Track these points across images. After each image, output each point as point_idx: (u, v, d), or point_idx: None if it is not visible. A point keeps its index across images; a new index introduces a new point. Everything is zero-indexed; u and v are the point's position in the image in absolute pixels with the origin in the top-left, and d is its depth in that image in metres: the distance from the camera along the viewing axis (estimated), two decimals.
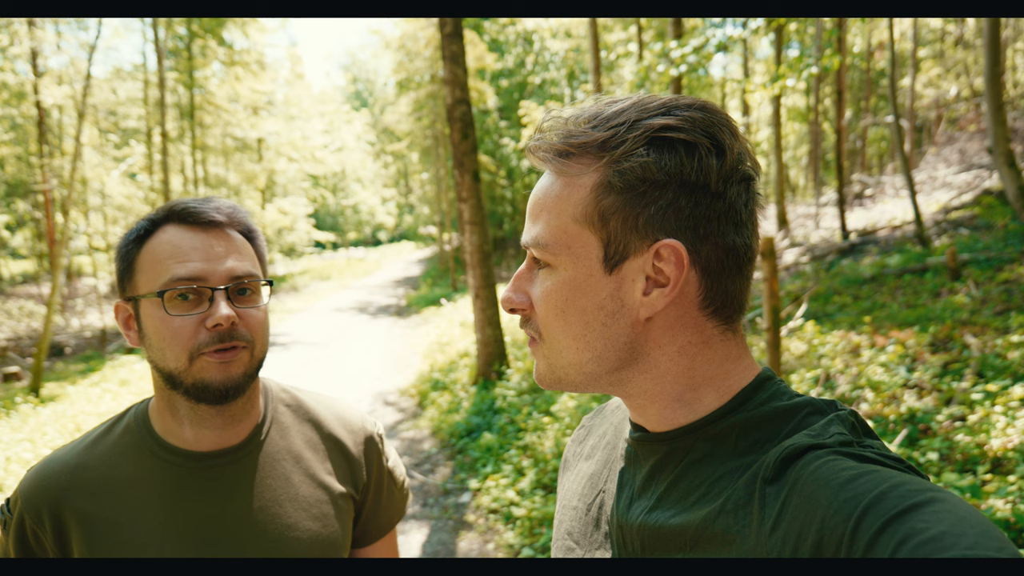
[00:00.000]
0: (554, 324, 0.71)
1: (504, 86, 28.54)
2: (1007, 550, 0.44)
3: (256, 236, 1.10)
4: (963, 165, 16.32)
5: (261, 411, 1.13)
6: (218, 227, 1.03)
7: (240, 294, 1.03)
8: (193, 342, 0.98)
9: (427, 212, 35.83)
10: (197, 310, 0.98)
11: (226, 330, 0.98)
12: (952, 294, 6.97)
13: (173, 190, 22.34)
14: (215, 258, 1.00)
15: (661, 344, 0.68)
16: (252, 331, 1.02)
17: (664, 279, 0.66)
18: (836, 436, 0.60)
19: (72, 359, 16.51)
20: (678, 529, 0.65)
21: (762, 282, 4.48)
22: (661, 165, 0.64)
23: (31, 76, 17.22)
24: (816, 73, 6.64)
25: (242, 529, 1.05)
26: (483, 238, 7.90)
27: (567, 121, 0.70)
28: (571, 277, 0.69)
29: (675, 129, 0.64)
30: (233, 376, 1.00)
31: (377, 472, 1.21)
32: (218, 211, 1.03)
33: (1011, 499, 3.09)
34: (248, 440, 1.09)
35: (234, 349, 1.00)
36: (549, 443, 5.34)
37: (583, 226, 0.67)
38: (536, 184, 0.74)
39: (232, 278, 1.00)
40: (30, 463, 7.02)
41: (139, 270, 1.01)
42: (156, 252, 1.00)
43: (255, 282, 1.04)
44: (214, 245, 1.01)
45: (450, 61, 7.73)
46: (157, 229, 1.02)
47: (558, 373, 0.73)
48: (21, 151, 21.60)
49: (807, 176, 31.31)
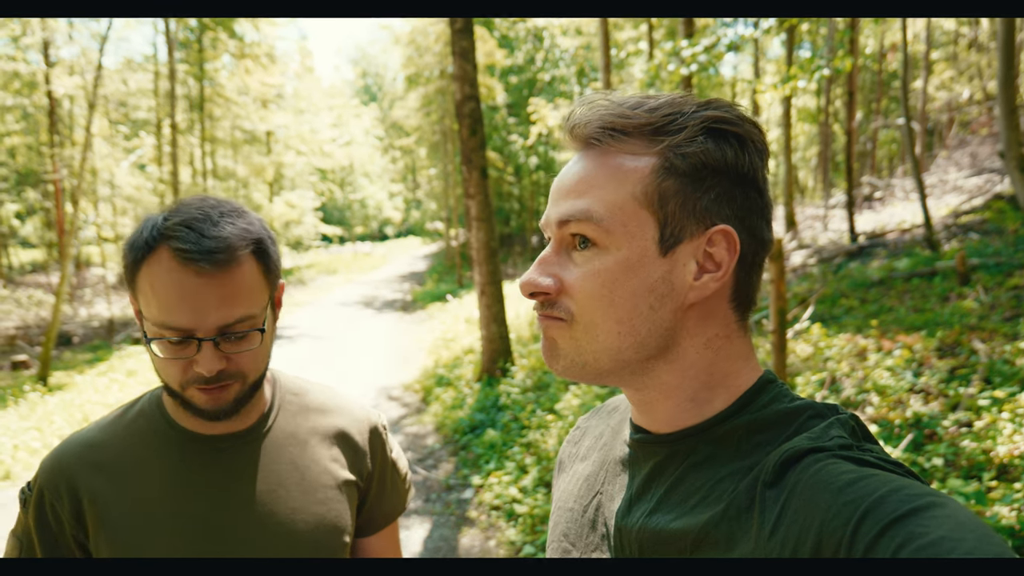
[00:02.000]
0: (597, 306, 0.67)
1: (513, 82, 28.50)
2: (1006, 555, 0.44)
3: (265, 250, 1.02)
4: (974, 169, 16.21)
5: (268, 400, 1.16)
6: (211, 274, 0.94)
7: (233, 336, 0.98)
8: (182, 378, 0.99)
9: (434, 208, 35.85)
10: (185, 353, 0.97)
11: (213, 375, 0.98)
12: (961, 299, 6.93)
13: (182, 182, 22.41)
14: (203, 308, 0.94)
15: (693, 334, 0.69)
16: (243, 368, 1.01)
17: (713, 265, 0.67)
18: (836, 439, 0.60)
19: (80, 348, 16.62)
20: (678, 533, 0.65)
21: (769, 284, 4.46)
22: (719, 154, 0.66)
23: (43, 66, 17.31)
24: (828, 75, 6.59)
25: (249, 511, 1.07)
26: (490, 235, 7.90)
27: (614, 104, 0.69)
28: (625, 256, 0.67)
29: (729, 123, 0.67)
30: (222, 405, 1.01)
31: (381, 462, 1.23)
32: (213, 254, 0.93)
33: (1016, 506, 3.07)
34: (255, 425, 1.12)
35: (222, 387, 1.00)
36: (552, 441, 5.34)
37: (642, 205, 0.67)
38: (571, 162, 0.72)
39: (221, 328, 0.96)
40: (38, 451, 7.07)
41: (139, 289, 0.98)
42: (149, 286, 0.95)
43: (249, 323, 0.99)
44: (205, 294, 0.94)
45: (460, 57, 7.73)
46: (151, 252, 0.95)
47: (586, 357, 0.69)
48: (32, 141, 21.72)
49: (816, 178, 31.16)
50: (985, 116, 20.22)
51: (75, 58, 18.58)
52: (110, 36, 14.81)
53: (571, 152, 0.74)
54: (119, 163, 21.35)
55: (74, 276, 21.68)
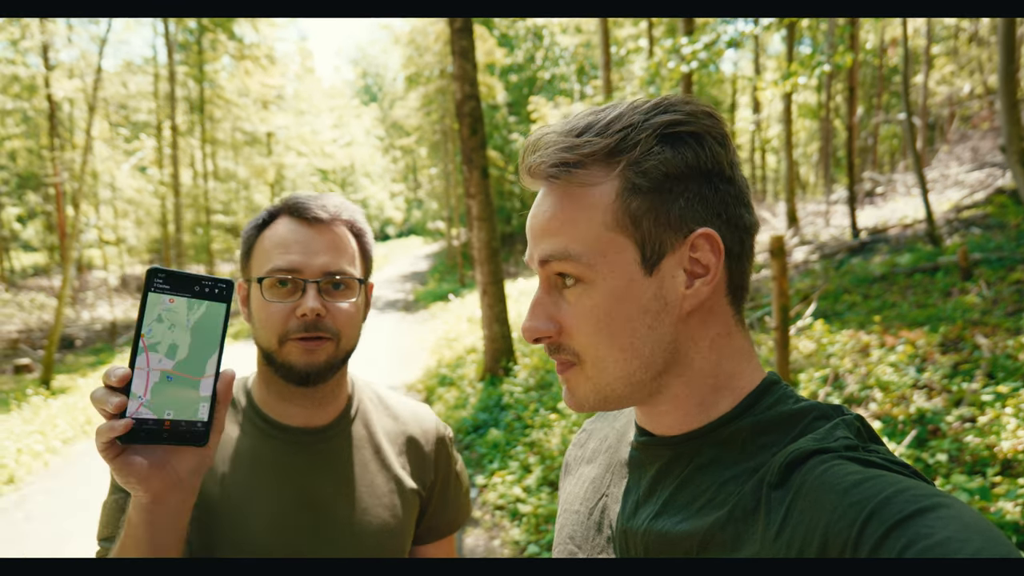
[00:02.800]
0: (599, 340, 0.68)
1: (513, 81, 28.49)
2: (1012, 556, 0.44)
3: (363, 235, 1.18)
4: (976, 163, 16.17)
5: (347, 399, 1.21)
6: (322, 223, 1.11)
7: (334, 288, 1.10)
8: (283, 327, 1.06)
9: (435, 207, 35.85)
10: (291, 299, 1.07)
11: (312, 321, 1.06)
12: (963, 294, 6.91)
13: (183, 183, 22.43)
14: (312, 252, 1.08)
15: (696, 340, 0.69)
16: (339, 324, 1.09)
17: (702, 269, 0.67)
18: (841, 440, 0.60)
19: (83, 351, 16.64)
20: (684, 536, 0.65)
21: (771, 280, 4.46)
22: (679, 159, 0.65)
23: (42, 69, 17.32)
24: (829, 71, 6.58)
25: (318, 504, 1.11)
26: (491, 234, 7.89)
27: (562, 134, 0.68)
28: (612, 286, 0.67)
29: (680, 124, 0.66)
30: (315, 363, 1.07)
31: (444, 473, 1.28)
32: (324, 208, 1.11)
33: (1021, 502, 3.06)
34: (335, 423, 1.18)
35: (319, 339, 1.07)
36: (556, 440, 5.34)
37: (616, 232, 0.66)
38: (536, 203, 0.71)
39: (325, 273, 1.08)
40: (40, 455, 7.08)
41: (254, 256, 1.12)
42: (267, 241, 1.11)
43: (348, 279, 1.11)
44: (315, 240, 1.09)
45: (459, 56, 7.72)
46: (273, 220, 1.13)
47: (604, 392, 0.70)
48: (32, 144, 21.74)
49: (818, 173, 31.13)
50: (986, 110, 20.18)
51: (74, 61, 18.61)
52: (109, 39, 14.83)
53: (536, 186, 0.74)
54: (120, 166, 21.38)
55: (76, 279, 21.71)
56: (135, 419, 0.72)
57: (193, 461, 0.79)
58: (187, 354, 0.75)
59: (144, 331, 0.73)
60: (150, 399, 0.74)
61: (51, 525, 5.31)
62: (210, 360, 0.77)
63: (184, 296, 0.75)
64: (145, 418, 0.73)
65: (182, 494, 0.81)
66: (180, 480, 0.79)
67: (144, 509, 0.80)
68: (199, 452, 0.79)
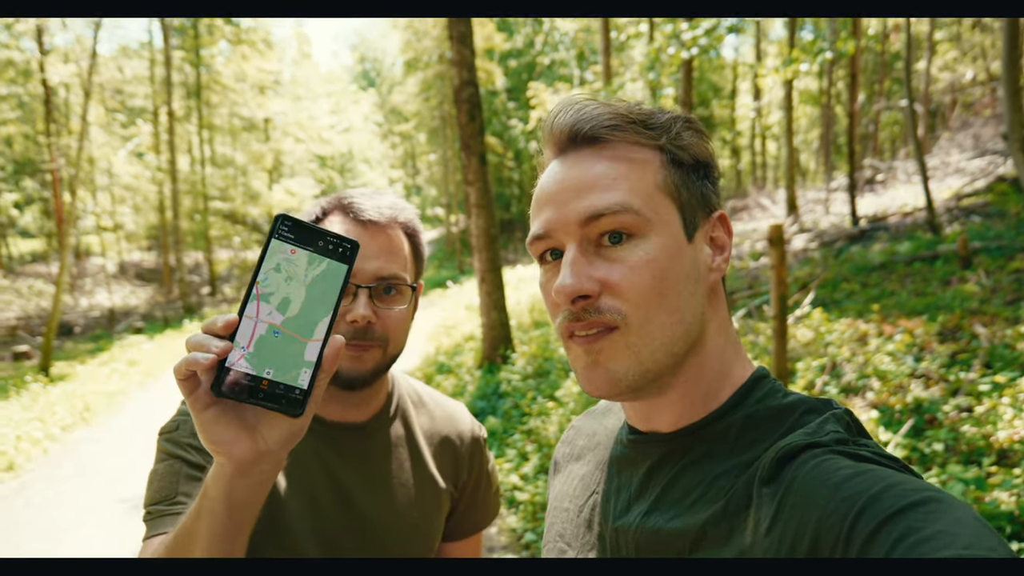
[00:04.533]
0: (649, 299, 0.65)
1: (512, 66, 28.31)
2: (1001, 550, 0.44)
3: (417, 235, 1.15)
4: (977, 151, 16.11)
5: (386, 396, 1.20)
6: (377, 225, 1.08)
7: (385, 293, 1.08)
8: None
9: (434, 194, 35.77)
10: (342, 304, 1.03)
11: (362, 327, 1.04)
12: (962, 283, 6.90)
13: (180, 169, 22.33)
14: (365, 257, 1.06)
15: (711, 319, 0.71)
16: (388, 331, 1.08)
17: (718, 248, 0.72)
18: (832, 434, 0.60)
19: (81, 338, 16.65)
20: (677, 533, 0.64)
21: (770, 269, 4.44)
22: (703, 147, 0.72)
23: (37, 54, 17.18)
24: (831, 58, 6.52)
25: (351, 499, 1.11)
26: (490, 221, 7.87)
27: (603, 104, 0.71)
28: (665, 243, 0.66)
29: (693, 120, 0.73)
30: (362, 370, 1.06)
31: (477, 473, 1.28)
32: (379, 209, 1.08)
33: (1016, 492, 3.07)
34: (373, 420, 1.16)
35: (367, 347, 1.06)
36: (553, 428, 5.35)
37: (665, 195, 0.68)
38: (568, 166, 0.69)
39: (378, 278, 1.06)
40: (40, 442, 7.09)
41: None
42: None
43: (400, 284, 1.08)
44: (368, 243, 1.07)
45: (457, 41, 7.65)
46: (326, 217, 1.10)
47: (646, 364, 0.66)
48: (28, 130, 21.62)
49: (818, 160, 31.03)
50: (988, 97, 20.08)
51: (69, 46, 18.45)
52: (104, 23, 14.68)
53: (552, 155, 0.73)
54: (116, 151, 21.28)
55: (74, 266, 21.68)
56: (233, 370, 0.66)
57: (285, 431, 0.71)
58: (298, 311, 0.69)
59: (260, 278, 0.67)
60: (253, 352, 0.67)
61: (50, 512, 5.32)
62: (321, 323, 0.70)
63: (307, 249, 0.70)
64: (244, 372, 0.67)
65: (268, 466, 0.74)
66: (268, 450, 0.72)
67: (225, 479, 0.73)
68: (291, 422, 0.71)
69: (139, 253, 27.81)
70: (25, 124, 21.39)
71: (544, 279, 0.73)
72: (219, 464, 0.74)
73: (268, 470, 0.75)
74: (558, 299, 0.66)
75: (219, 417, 0.69)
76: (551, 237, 0.69)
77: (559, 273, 0.67)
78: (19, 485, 6.03)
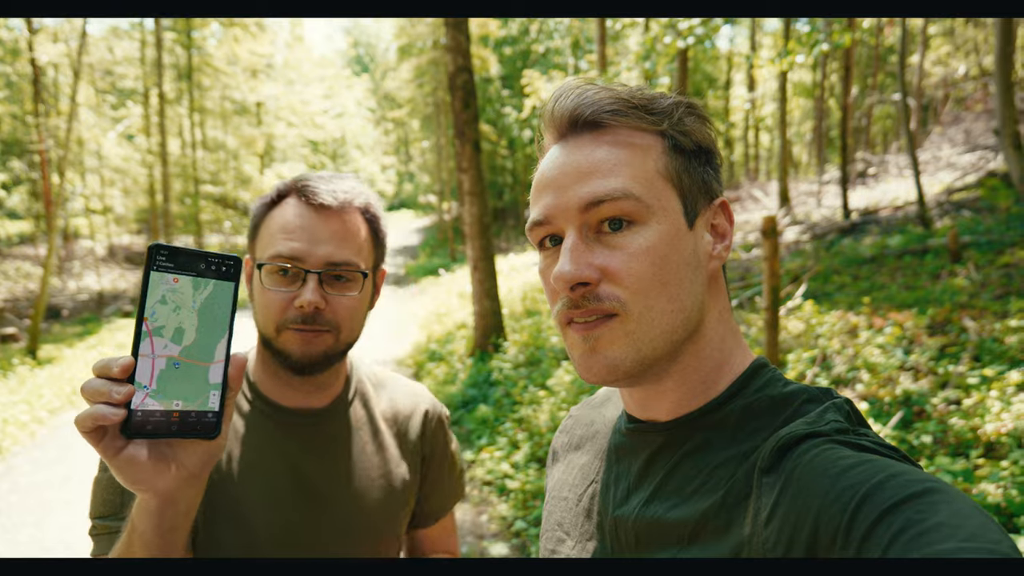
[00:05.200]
0: (650, 287, 0.64)
1: (507, 54, 28.15)
2: (1004, 542, 0.43)
3: (377, 221, 1.13)
4: (968, 145, 16.18)
5: (345, 381, 1.19)
6: (330, 210, 1.06)
7: (336, 280, 1.06)
8: (281, 316, 1.03)
9: (427, 181, 35.62)
10: (291, 287, 1.04)
11: (310, 313, 1.03)
12: (952, 276, 6.95)
13: (171, 152, 22.11)
14: (316, 241, 1.04)
15: (710, 308, 0.70)
16: (339, 318, 1.06)
17: (719, 236, 0.72)
18: (832, 424, 0.59)
19: (69, 322, 16.52)
20: (677, 522, 0.64)
21: (763, 261, 4.45)
22: (705, 133, 0.71)
23: (26, 33, 16.89)
24: (827, 51, 6.51)
25: (313, 485, 1.09)
26: (483, 209, 7.84)
27: (604, 88, 0.69)
28: (666, 230, 0.66)
29: (696, 105, 0.72)
30: (311, 355, 1.04)
31: (441, 451, 1.27)
32: (334, 193, 1.06)
33: (1003, 484, 3.10)
34: (332, 405, 1.15)
35: (316, 332, 1.04)
36: (544, 416, 5.36)
37: (666, 181, 0.67)
38: (567, 151, 0.69)
39: (327, 264, 1.04)
40: (27, 425, 7.05)
41: (259, 236, 1.08)
42: (272, 223, 1.07)
43: (352, 271, 1.06)
44: (320, 227, 1.05)
45: (452, 27, 7.59)
46: (282, 200, 1.08)
47: (645, 351, 0.65)
48: (17, 110, 21.31)
49: (810, 153, 31.09)
50: (980, 92, 20.14)
51: (59, 25, 18.15)
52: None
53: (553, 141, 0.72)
54: (106, 133, 21.03)
55: (62, 248, 21.47)
56: (141, 411, 0.66)
57: (203, 454, 0.73)
58: (195, 338, 0.69)
59: (147, 314, 0.67)
60: (156, 388, 0.67)
61: (37, 496, 5.30)
62: (219, 344, 0.71)
63: (189, 275, 0.69)
64: (152, 409, 0.67)
65: (193, 490, 0.76)
66: (191, 476, 0.73)
67: (152, 513, 0.74)
68: (209, 444, 0.73)
69: (128, 236, 27.56)
70: (13, 104, 21.09)
71: (543, 265, 0.72)
72: (143, 500, 0.74)
73: (194, 494, 0.76)
74: (557, 286, 0.65)
75: (134, 457, 0.69)
76: (551, 223, 0.68)
77: (559, 259, 0.66)
78: (5, 468, 5.99)
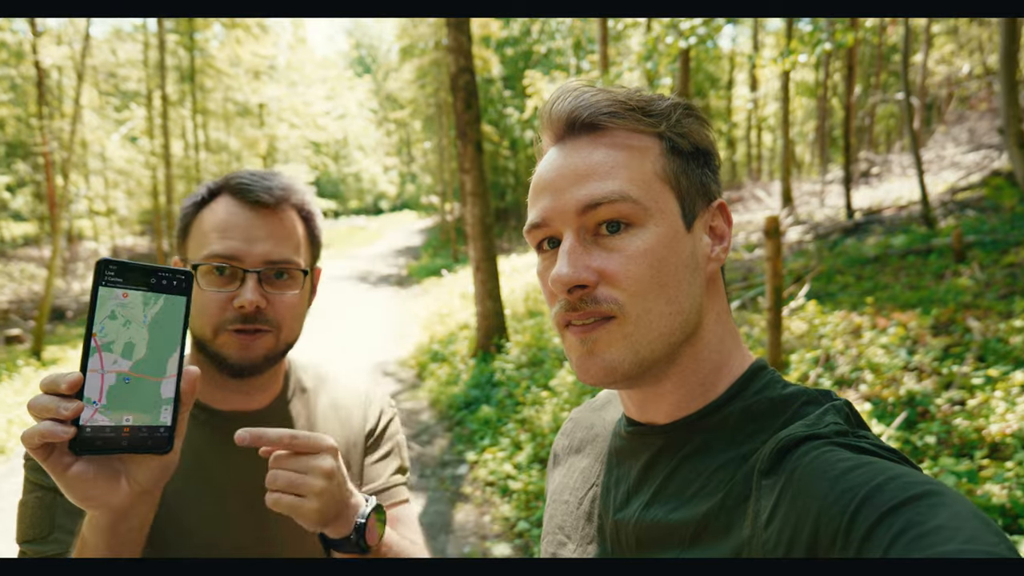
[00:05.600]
0: (648, 289, 0.64)
1: (509, 54, 28.15)
2: (1004, 544, 0.43)
3: (312, 218, 1.11)
4: (972, 145, 16.13)
5: (283, 383, 1.16)
6: (266, 207, 1.03)
7: (275, 278, 1.03)
8: (219, 318, 1.00)
9: (429, 181, 35.63)
10: (228, 287, 1.01)
11: (251, 313, 1.00)
12: (956, 276, 6.93)
13: (174, 154, 22.15)
14: (253, 239, 1.01)
15: (708, 310, 0.70)
16: (280, 317, 1.03)
17: (717, 238, 0.72)
18: (832, 426, 0.59)
19: (73, 323, 16.57)
20: (677, 525, 0.64)
21: (766, 261, 4.44)
22: (703, 135, 0.71)
23: (29, 35, 16.95)
24: (830, 50, 6.49)
25: (255, 490, 1.04)
26: (485, 210, 7.84)
27: (602, 90, 0.69)
28: (663, 233, 0.66)
29: (694, 107, 0.72)
30: (252, 357, 1.02)
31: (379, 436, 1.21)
32: (269, 191, 1.03)
33: (1008, 485, 3.09)
34: (270, 407, 1.12)
35: (257, 332, 1.02)
36: (547, 417, 5.35)
37: (664, 183, 0.67)
38: (565, 154, 0.68)
39: (266, 262, 1.02)
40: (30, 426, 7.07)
41: (191, 236, 1.05)
42: (205, 222, 1.03)
43: (292, 268, 1.04)
44: (257, 226, 1.02)
45: (454, 28, 7.59)
46: (213, 199, 1.05)
47: (643, 353, 0.65)
48: (20, 112, 21.37)
49: (813, 153, 31.02)
50: (984, 91, 20.08)
51: (62, 27, 18.21)
52: None
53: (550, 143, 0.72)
54: (110, 135, 21.09)
55: (66, 250, 21.53)
56: (90, 427, 0.66)
57: (156, 470, 0.72)
58: (145, 353, 0.69)
59: (96, 329, 0.66)
60: (106, 404, 0.67)
61: None
62: (171, 359, 0.71)
63: (139, 290, 0.69)
64: (102, 425, 0.66)
65: (146, 506, 0.74)
66: (143, 491, 0.72)
67: (103, 528, 0.73)
68: (162, 459, 0.72)
69: (132, 238, 27.62)
70: (17, 106, 21.15)
71: (541, 268, 0.72)
72: (94, 517, 0.72)
73: (147, 510, 0.75)
74: (555, 288, 0.66)
75: (83, 473, 0.68)
76: (548, 226, 0.68)
77: (556, 262, 0.66)
78: (9, 469, 6.01)
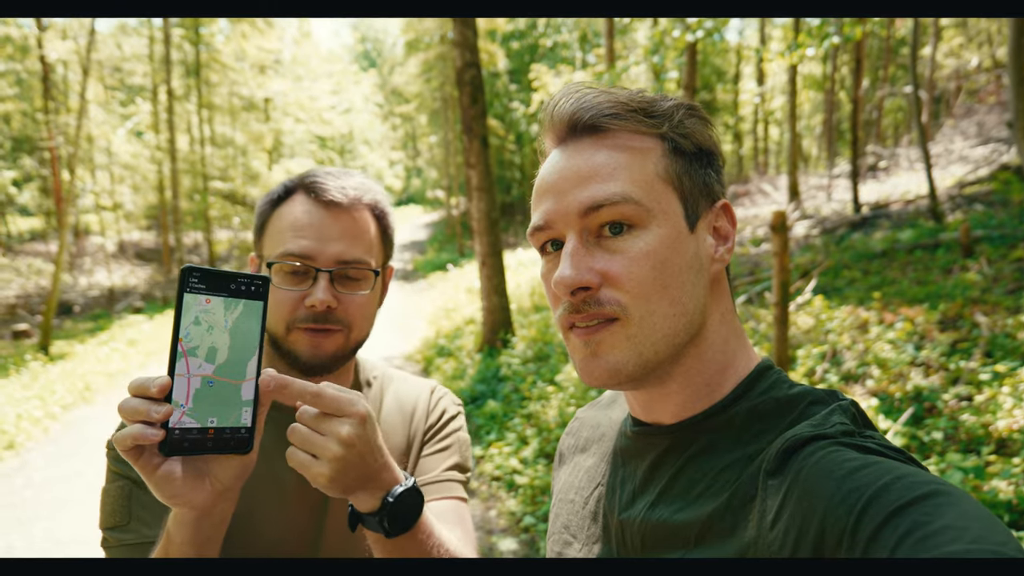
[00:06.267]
0: (651, 291, 0.64)
1: (515, 48, 28.07)
2: (1011, 544, 0.43)
3: (385, 217, 1.12)
4: (981, 139, 16.02)
5: (352, 381, 1.17)
6: (340, 207, 1.04)
7: (347, 278, 1.05)
8: (291, 315, 1.02)
9: (435, 176, 35.63)
10: (302, 286, 1.03)
11: (321, 312, 1.02)
12: (964, 271, 6.89)
13: (180, 149, 22.20)
14: (327, 239, 1.03)
15: (712, 311, 0.70)
16: (350, 316, 1.05)
17: (721, 238, 0.71)
18: (838, 426, 0.59)
19: (81, 318, 16.66)
20: (683, 525, 0.64)
21: (772, 256, 4.43)
22: (706, 135, 0.71)
23: (35, 30, 17.00)
24: (837, 43, 6.43)
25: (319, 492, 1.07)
26: (491, 205, 7.83)
27: (603, 92, 0.69)
28: (666, 234, 0.66)
29: (696, 107, 0.72)
30: (321, 355, 1.04)
31: (436, 429, 1.21)
32: (343, 190, 1.05)
33: (1014, 481, 3.08)
34: None
35: (327, 331, 1.03)
36: (553, 412, 5.36)
37: (666, 184, 0.67)
38: (568, 156, 0.69)
39: (339, 262, 1.03)
40: (40, 420, 7.11)
41: (267, 234, 1.07)
42: (281, 221, 1.05)
43: (363, 268, 1.05)
44: (330, 225, 1.04)
45: (460, 22, 7.57)
46: (289, 197, 1.07)
47: (647, 355, 0.65)
48: (27, 107, 21.44)
49: (821, 146, 30.86)
50: (993, 84, 19.92)
51: (67, 22, 18.23)
52: None
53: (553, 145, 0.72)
54: (115, 130, 21.14)
55: (73, 245, 21.63)
56: (178, 429, 0.69)
57: (237, 468, 0.75)
58: (227, 357, 0.72)
59: (183, 335, 0.69)
60: (192, 407, 0.70)
61: (50, 490, 5.35)
62: (250, 362, 0.74)
63: (220, 296, 0.72)
64: (189, 427, 0.70)
65: (227, 503, 0.78)
66: (225, 490, 0.75)
67: (188, 524, 0.77)
68: (242, 459, 0.75)
69: (138, 232, 27.72)
70: (23, 101, 21.21)
71: (545, 270, 0.72)
72: (179, 514, 0.76)
73: (228, 507, 0.79)
74: (558, 291, 0.66)
75: (171, 473, 0.71)
76: (551, 228, 0.68)
77: (560, 264, 0.66)
78: (19, 464, 6.06)
